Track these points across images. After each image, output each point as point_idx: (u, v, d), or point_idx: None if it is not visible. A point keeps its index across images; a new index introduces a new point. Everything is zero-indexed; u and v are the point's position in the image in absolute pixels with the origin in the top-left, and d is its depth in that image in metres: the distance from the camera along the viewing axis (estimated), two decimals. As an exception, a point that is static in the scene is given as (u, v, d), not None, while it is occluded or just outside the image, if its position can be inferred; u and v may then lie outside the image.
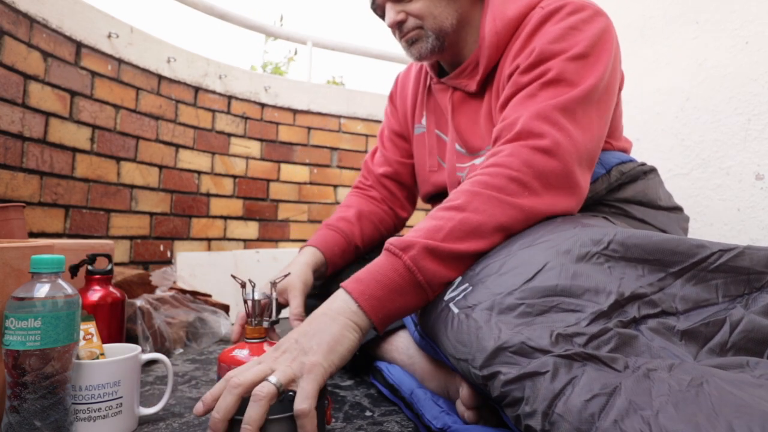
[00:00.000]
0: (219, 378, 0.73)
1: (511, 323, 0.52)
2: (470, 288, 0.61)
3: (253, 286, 0.77)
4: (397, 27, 0.88)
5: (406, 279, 0.61)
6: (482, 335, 0.52)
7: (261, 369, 0.52)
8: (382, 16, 0.92)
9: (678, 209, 0.92)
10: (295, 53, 2.98)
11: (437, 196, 1.04)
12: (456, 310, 0.58)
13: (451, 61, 0.95)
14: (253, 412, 0.47)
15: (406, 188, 1.17)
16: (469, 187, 0.67)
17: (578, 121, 0.71)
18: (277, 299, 0.84)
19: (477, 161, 0.91)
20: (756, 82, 1.12)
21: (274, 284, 0.83)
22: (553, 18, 0.78)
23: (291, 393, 0.50)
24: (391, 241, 0.63)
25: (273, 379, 0.50)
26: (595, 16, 0.78)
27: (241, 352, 0.73)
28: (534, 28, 0.79)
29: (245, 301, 0.77)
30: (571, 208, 0.69)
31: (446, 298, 0.62)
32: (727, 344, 0.50)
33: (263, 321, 0.78)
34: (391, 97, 1.17)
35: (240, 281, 0.78)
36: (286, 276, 0.86)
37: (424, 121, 1.04)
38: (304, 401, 0.49)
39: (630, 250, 0.58)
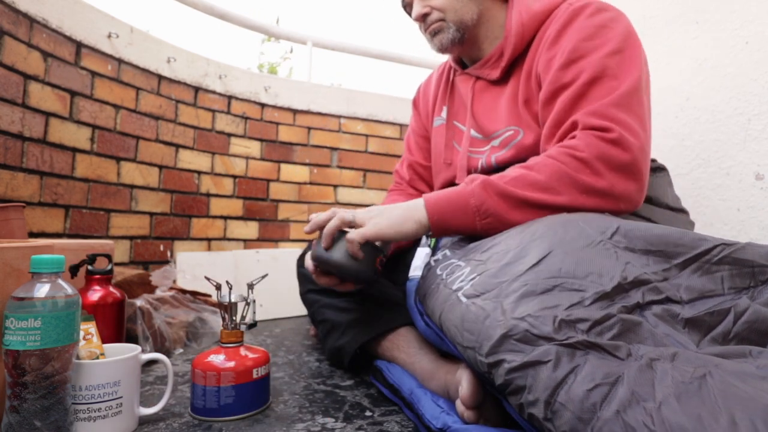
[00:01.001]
0: (194, 384, 0.72)
1: (516, 307, 0.53)
2: (477, 277, 0.62)
3: (230, 288, 0.77)
4: (422, 20, 0.95)
5: (464, 200, 0.75)
6: (489, 323, 0.53)
7: (351, 212, 0.78)
8: (410, 13, 1.00)
9: (684, 212, 0.92)
10: (291, 51, 2.97)
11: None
12: (464, 300, 0.59)
13: (471, 54, 1.00)
14: (332, 224, 0.77)
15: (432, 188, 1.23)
16: (541, 159, 0.76)
17: (634, 112, 0.76)
18: (254, 300, 0.84)
19: (495, 142, 0.94)
20: (756, 82, 1.12)
21: (250, 286, 0.82)
22: (581, 15, 0.83)
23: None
24: (467, 177, 0.78)
25: (351, 214, 0.78)
26: (619, 16, 0.85)
27: (216, 357, 0.73)
28: (564, 23, 0.84)
29: (220, 305, 0.76)
30: (632, 192, 0.74)
31: (454, 288, 0.63)
32: (731, 333, 0.50)
33: (240, 325, 0.78)
34: (415, 103, 1.23)
35: (215, 283, 0.77)
36: (263, 277, 0.88)
37: (443, 113, 1.07)
38: (354, 233, 0.75)
39: (633, 241, 0.59)
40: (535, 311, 0.51)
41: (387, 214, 0.77)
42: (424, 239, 0.90)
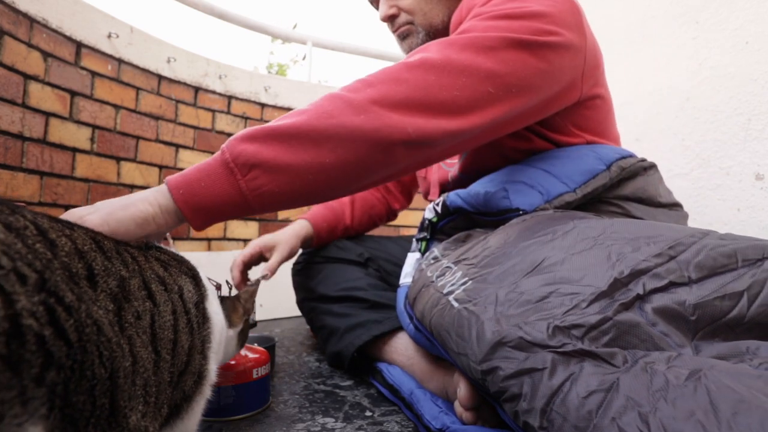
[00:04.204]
0: None
1: (510, 314, 0.52)
2: (470, 282, 0.61)
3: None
4: (390, 21, 0.91)
5: (217, 160, 0.58)
6: (482, 330, 0.52)
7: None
8: (377, 8, 0.95)
9: (678, 206, 0.91)
10: (303, 58, 2.96)
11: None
12: (456, 305, 0.58)
13: None
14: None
15: (400, 183, 1.22)
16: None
17: (461, 54, 0.67)
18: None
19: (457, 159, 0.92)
20: (756, 82, 1.12)
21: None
22: None
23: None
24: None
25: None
26: None
27: None
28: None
29: None
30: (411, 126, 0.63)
31: (445, 291, 0.62)
32: (745, 318, 0.48)
33: None
34: None
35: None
36: (263, 277, 0.89)
37: None
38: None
39: (629, 233, 0.58)
40: (529, 319, 0.50)
41: (103, 207, 0.54)
42: (414, 244, 0.90)
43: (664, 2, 1.36)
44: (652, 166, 0.88)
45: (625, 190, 0.81)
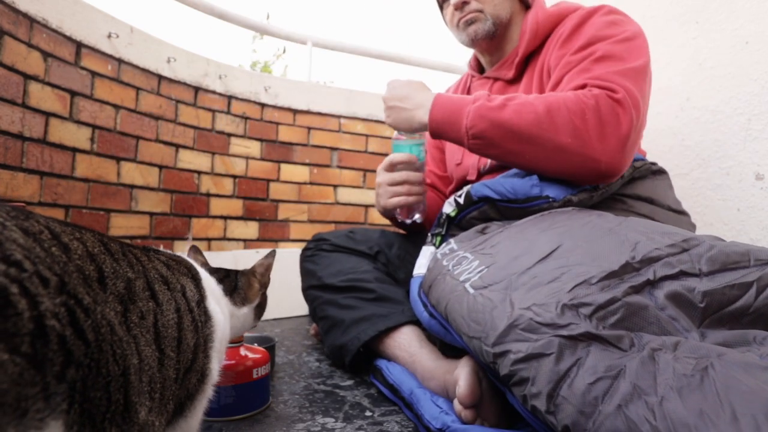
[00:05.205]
0: None
1: (522, 297, 0.53)
2: (485, 269, 0.62)
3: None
4: (461, 7, 1.00)
5: (459, 118, 0.83)
6: (496, 314, 0.53)
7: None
8: (441, 6, 1.06)
9: (685, 214, 0.92)
10: (284, 51, 2.95)
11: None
12: (472, 291, 0.60)
13: (494, 55, 1.06)
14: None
15: (446, 195, 1.25)
16: (552, 93, 0.80)
17: (638, 86, 0.79)
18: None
19: None
20: (756, 82, 1.12)
21: None
22: (595, 15, 0.90)
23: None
24: (477, 94, 0.84)
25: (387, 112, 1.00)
26: (630, 19, 0.91)
27: None
28: (578, 22, 0.90)
29: None
30: (615, 158, 0.75)
31: (462, 279, 0.64)
32: (750, 308, 0.49)
33: None
34: None
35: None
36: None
37: None
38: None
39: (643, 228, 0.59)
40: (540, 300, 0.51)
41: (398, 113, 0.94)
42: (429, 238, 0.91)
43: (664, 2, 1.36)
44: (662, 172, 0.91)
45: (635, 188, 0.85)
